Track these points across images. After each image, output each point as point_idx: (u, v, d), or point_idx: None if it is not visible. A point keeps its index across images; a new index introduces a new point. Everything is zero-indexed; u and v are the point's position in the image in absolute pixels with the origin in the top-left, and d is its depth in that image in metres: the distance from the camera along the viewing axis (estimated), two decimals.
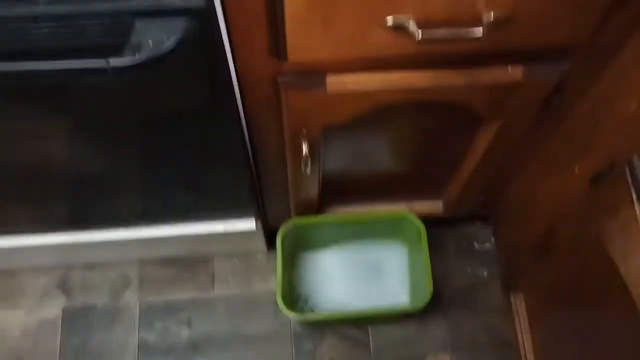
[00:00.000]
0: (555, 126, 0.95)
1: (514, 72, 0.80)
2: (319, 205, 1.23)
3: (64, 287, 1.41)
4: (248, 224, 1.24)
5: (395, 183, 1.18)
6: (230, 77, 0.77)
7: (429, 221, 1.26)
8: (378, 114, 0.88)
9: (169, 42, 0.60)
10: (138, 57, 0.60)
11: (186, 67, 0.71)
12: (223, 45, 0.71)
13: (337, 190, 1.19)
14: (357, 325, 1.37)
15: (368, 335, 1.37)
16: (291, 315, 1.15)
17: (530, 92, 0.83)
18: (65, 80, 0.69)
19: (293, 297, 1.34)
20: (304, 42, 0.72)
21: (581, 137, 0.90)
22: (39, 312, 1.39)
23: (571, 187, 0.94)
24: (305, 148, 0.93)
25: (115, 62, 0.60)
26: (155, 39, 0.61)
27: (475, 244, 1.45)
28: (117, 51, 0.62)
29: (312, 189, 1.13)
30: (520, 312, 1.24)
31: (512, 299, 1.27)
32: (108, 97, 0.81)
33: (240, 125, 0.90)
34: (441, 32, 0.68)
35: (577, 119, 0.90)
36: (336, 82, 0.80)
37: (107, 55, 0.62)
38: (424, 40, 0.68)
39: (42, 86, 0.76)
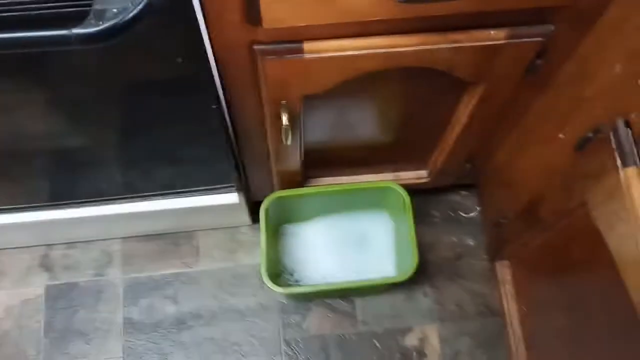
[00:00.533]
0: (539, 91, 0.93)
1: (496, 35, 0.78)
2: (303, 177, 1.21)
3: (46, 265, 1.40)
4: (231, 197, 1.22)
5: (380, 153, 1.17)
6: (204, 47, 0.75)
7: (414, 191, 1.25)
8: (360, 82, 0.85)
9: (134, 9, 0.58)
10: (101, 25, 0.57)
11: (156, 36, 0.68)
12: (194, 12, 0.68)
13: (321, 161, 1.17)
14: (343, 297, 1.37)
15: (354, 306, 1.36)
16: (276, 289, 1.14)
17: (513, 55, 0.81)
18: (31, 51, 0.66)
19: (278, 270, 1.33)
20: (279, 6, 0.69)
21: (565, 101, 0.88)
22: (21, 291, 1.37)
23: (556, 154, 0.93)
24: (284, 119, 0.90)
25: (78, 30, 0.57)
26: (120, 5, 0.58)
27: (461, 213, 1.44)
28: (80, 19, 0.59)
29: (295, 160, 1.11)
30: (506, 280, 1.24)
31: (497, 268, 1.27)
32: (79, 69, 0.78)
33: (218, 96, 0.87)
34: None
35: (561, 83, 0.88)
36: (314, 49, 0.78)
37: (71, 24, 0.59)
38: (406, 2, 0.65)
39: (10, 59, 0.73)
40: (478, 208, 1.44)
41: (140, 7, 0.57)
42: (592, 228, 0.81)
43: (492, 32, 0.78)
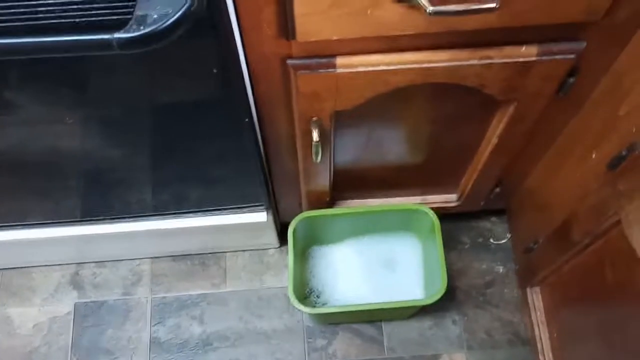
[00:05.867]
0: (572, 110, 0.93)
1: (528, 51, 0.78)
2: (331, 198, 1.21)
3: (76, 283, 1.41)
4: (259, 216, 1.23)
5: (409, 174, 1.17)
6: (238, 57, 0.76)
7: (444, 216, 1.24)
8: (389, 100, 0.86)
9: (174, 15, 0.60)
10: (143, 30, 0.59)
11: (193, 45, 0.70)
12: (230, 22, 0.70)
13: (349, 182, 1.17)
14: (370, 321, 1.35)
15: (382, 332, 1.34)
16: (302, 309, 1.13)
17: (545, 72, 0.81)
18: (73, 56, 0.67)
19: (305, 292, 1.32)
20: (313, 20, 0.70)
21: (599, 120, 0.87)
22: (51, 308, 1.39)
23: (588, 174, 0.92)
24: (315, 135, 0.91)
25: (120, 35, 0.59)
26: (160, 12, 0.60)
27: (491, 240, 1.43)
28: (123, 26, 0.61)
29: (324, 180, 1.11)
30: (537, 306, 1.21)
31: (528, 294, 1.24)
32: (117, 80, 0.81)
33: (250, 111, 0.89)
34: (453, 6, 0.66)
35: (594, 102, 0.88)
36: (347, 64, 0.79)
37: (113, 30, 0.61)
38: (435, 14, 0.66)
39: (51, 67, 0.76)
40: (509, 235, 1.42)
41: (180, 13, 0.59)
42: (627, 248, 0.80)
43: (523, 48, 0.78)
